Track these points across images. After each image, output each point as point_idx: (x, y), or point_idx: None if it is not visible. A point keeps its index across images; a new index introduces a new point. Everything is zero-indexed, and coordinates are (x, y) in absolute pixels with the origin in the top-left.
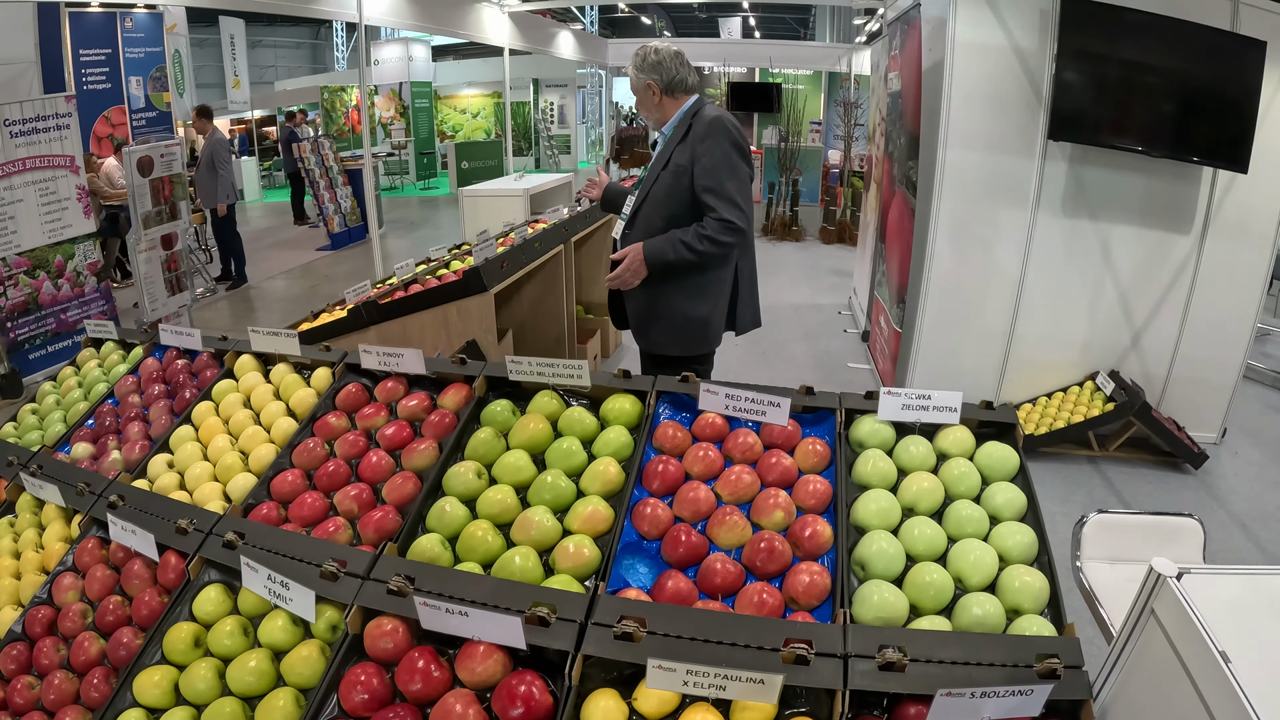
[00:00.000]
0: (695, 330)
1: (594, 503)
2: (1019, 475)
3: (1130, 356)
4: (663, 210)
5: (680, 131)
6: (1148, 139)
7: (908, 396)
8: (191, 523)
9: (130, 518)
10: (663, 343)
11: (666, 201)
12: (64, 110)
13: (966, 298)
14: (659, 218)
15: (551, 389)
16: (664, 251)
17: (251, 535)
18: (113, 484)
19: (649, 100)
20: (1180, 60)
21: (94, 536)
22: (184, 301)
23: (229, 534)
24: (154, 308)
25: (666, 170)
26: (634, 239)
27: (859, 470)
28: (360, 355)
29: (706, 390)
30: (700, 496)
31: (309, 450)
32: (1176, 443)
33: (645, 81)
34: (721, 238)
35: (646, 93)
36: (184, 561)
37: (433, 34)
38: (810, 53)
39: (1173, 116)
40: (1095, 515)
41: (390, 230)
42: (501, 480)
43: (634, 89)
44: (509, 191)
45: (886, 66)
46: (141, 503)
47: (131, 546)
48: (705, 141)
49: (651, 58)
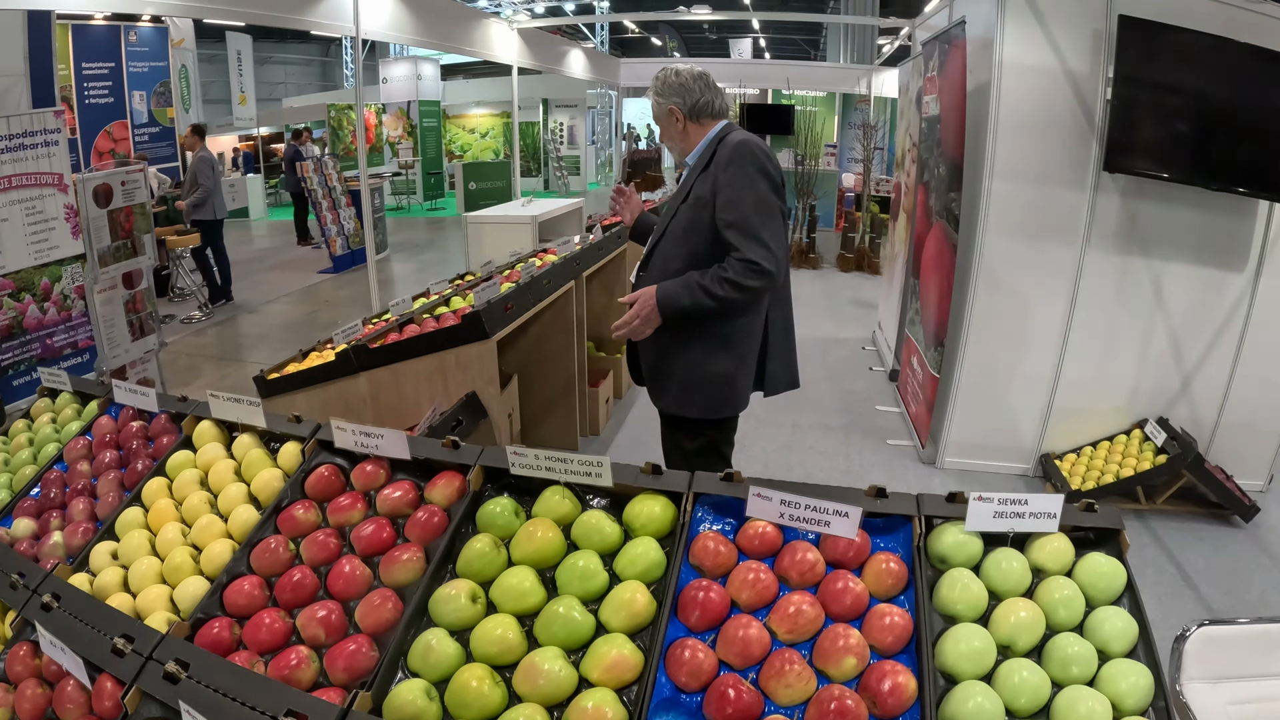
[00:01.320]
0: (716, 389)
1: (618, 644)
2: (1126, 594)
3: (1180, 402)
4: (682, 248)
5: (703, 160)
6: (1215, 172)
7: (1001, 502)
8: (129, 643)
9: (61, 629)
10: (680, 402)
11: (686, 238)
12: (53, 126)
13: (1010, 340)
14: (678, 257)
15: (564, 485)
16: (679, 296)
17: (197, 666)
18: (49, 578)
19: (672, 128)
20: (1247, 87)
21: (28, 641)
22: (149, 346)
23: (171, 663)
24: (115, 354)
25: (686, 203)
26: (649, 281)
27: (944, 596)
28: (334, 432)
29: (757, 494)
30: (752, 636)
31: (270, 551)
32: (1226, 494)
33: (667, 107)
34: (745, 281)
35: (669, 119)
36: (120, 690)
37: (439, 50)
38: (825, 74)
39: (1237, 147)
40: (1198, 629)
41: (395, 253)
42: (502, 606)
43: (656, 116)
44: (517, 218)
45: (921, 89)
46: (78, 607)
47: (62, 664)
48: (729, 169)
49: (673, 80)
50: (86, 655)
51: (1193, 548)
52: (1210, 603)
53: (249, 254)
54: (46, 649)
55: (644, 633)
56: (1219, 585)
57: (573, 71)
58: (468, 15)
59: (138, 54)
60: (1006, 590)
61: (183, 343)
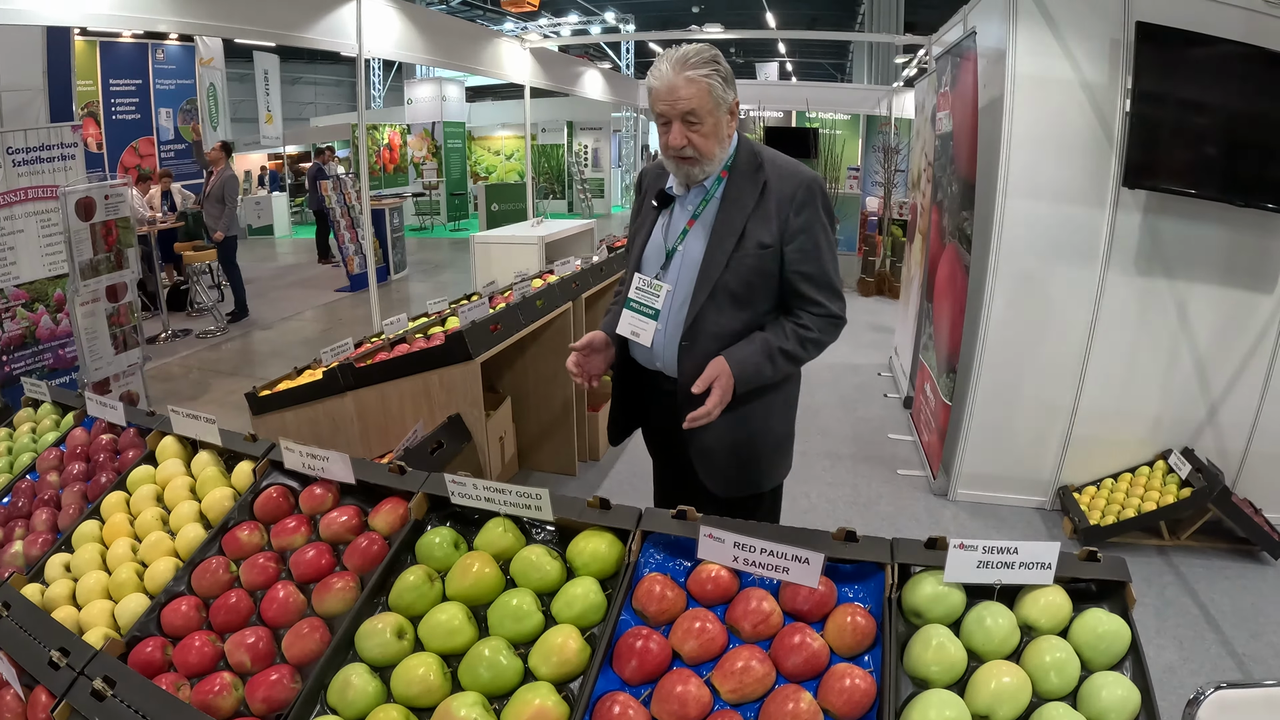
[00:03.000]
0: (785, 453)
1: (542, 694)
2: (1130, 657)
3: (1206, 432)
4: (742, 310)
5: (746, 188)
6: (1242, 187)
7: (986, 550)
8: (65, 656)
9: (4, 639)
10: (753, 481)
11: (748, 295)
12: (69, 140)
13: (1026, 366)
14: (736, 319)
15: (507, 517)
16: (759, 369)
17: (123, 686)
18: (2, 587)
19: (723, 130)
20: (1273, 96)
21: None
22: (133, 360)
23: (98, 680)
24: (97, 367)
25: (744, 251)
26: (700, 351)
27: (916, 656)
28: (282, 453)
29: (708, 535)
30: (690, 694)
31: (210, 572)
32: (1255, 529)
33: (731, 100)
34: (828, 339)
35: (724, 119)
36: (52, 703)
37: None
38: (848, 95)
39: (1265, 161)
40: (1214, 693)
41: (414, 272)
42: (429, 644)
43: (704, 110)
44: (523, 239)
45: (935, 106)
46: (24, 617)
47: (1, 674)
48: (804, 212)
49: (725, 62)
50: (26, 666)
51: (1218, 586)
52: (1235, 646)
53: (270, 271)
54: None
55: (576, 681)
56: (1245, 628)
57: (590, 93)
58: (479, 34)
59: (165, 72)
60: (989, 651)
61: (196, 357)
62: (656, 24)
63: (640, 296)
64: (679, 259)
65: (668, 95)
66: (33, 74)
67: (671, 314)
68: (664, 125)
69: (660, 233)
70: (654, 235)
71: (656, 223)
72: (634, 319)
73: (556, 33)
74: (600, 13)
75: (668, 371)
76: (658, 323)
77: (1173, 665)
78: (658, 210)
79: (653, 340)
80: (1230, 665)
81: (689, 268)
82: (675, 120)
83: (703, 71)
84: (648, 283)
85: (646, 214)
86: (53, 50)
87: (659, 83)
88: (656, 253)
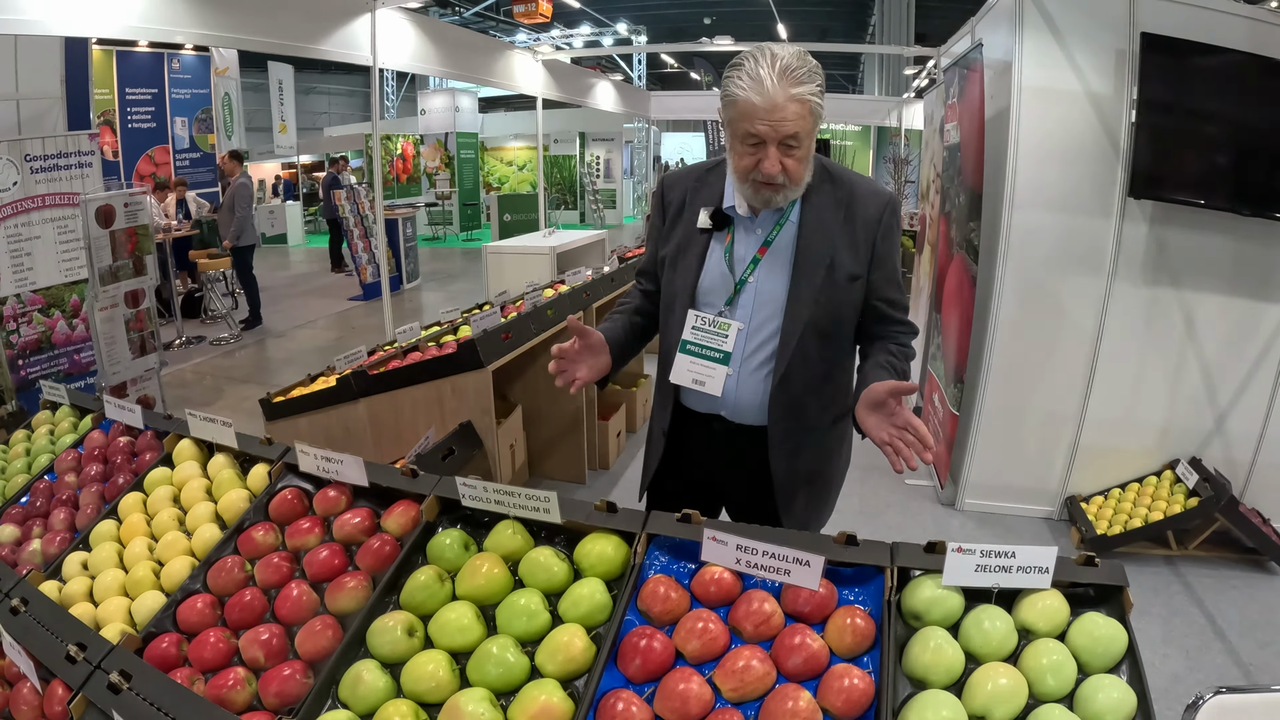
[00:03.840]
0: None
1: (548, 691)
2: (1126, 660)
3: (1213, 441)
4: (824, 344)
5: (828, 212)
6: (1248, 197)
7: (984, 554)
8: (82, 651)
9: (22, 633)
10: (823, 514)
11: (835, 331)
12: (87, 148)
13: (1033, 377)
14: (822, 356)
15: (516, 520)
16: None
17: (139, 679)
18: (20, 584)
19: (812, 149)
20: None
21: None
22: (150, 365)
23: (115, 674)
24: (115, 371)
25: (835, 284)
26: (795, 390)
27: (914, 657)
28: (298, 456)
29: (712, 538)
30: (692, 691)
31: (226, 571)
32: (1263, 539)
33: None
34: (915, 354)
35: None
36: (69, 695)
37: (461, 81)
38: (858, 106)
39: (1271, 170)
40: (1214, 697)
41: (426, 282)
42: (438, 641)
43: (803, 135)
44: (535, 249)
45: (943, 117)
46: (42, 613)
47: (19, 667)
48: (890, 237)
49: (822, 75)
50: (43, 659)
51: (1225, 596)
52: (1241, 655)
53: (284, 279)
54: (7, 649)
55: (581, 679)
56: (1252, 637)
57: (602, 104)
58: (491, 47)
59: (180, 81)
60: (987, 653)
61: (210, 364)
62: (668, 35)
63: (699, 338)
64: (750, 292)
65: (769, 115)
66: (51, 83)
67: (746, 357)
68: (753, 146)
69: (718, 260)
70: (709, 264)
71: (710, 248)
72: (694, 365)
73: (569, 44)
74: (612, 24)
75: (737, 418)
76: (729, 367)
77: (1179, 674)
78: (708, 233)
79: (723, 388)
80: (1237, 675)
81: (766, 304)
82: (772, 144)
83: (810, 89)
84: (711, 321)
85: (690, 236)
86: (70, 59)
87: (760, 99)
88: (720, 285)
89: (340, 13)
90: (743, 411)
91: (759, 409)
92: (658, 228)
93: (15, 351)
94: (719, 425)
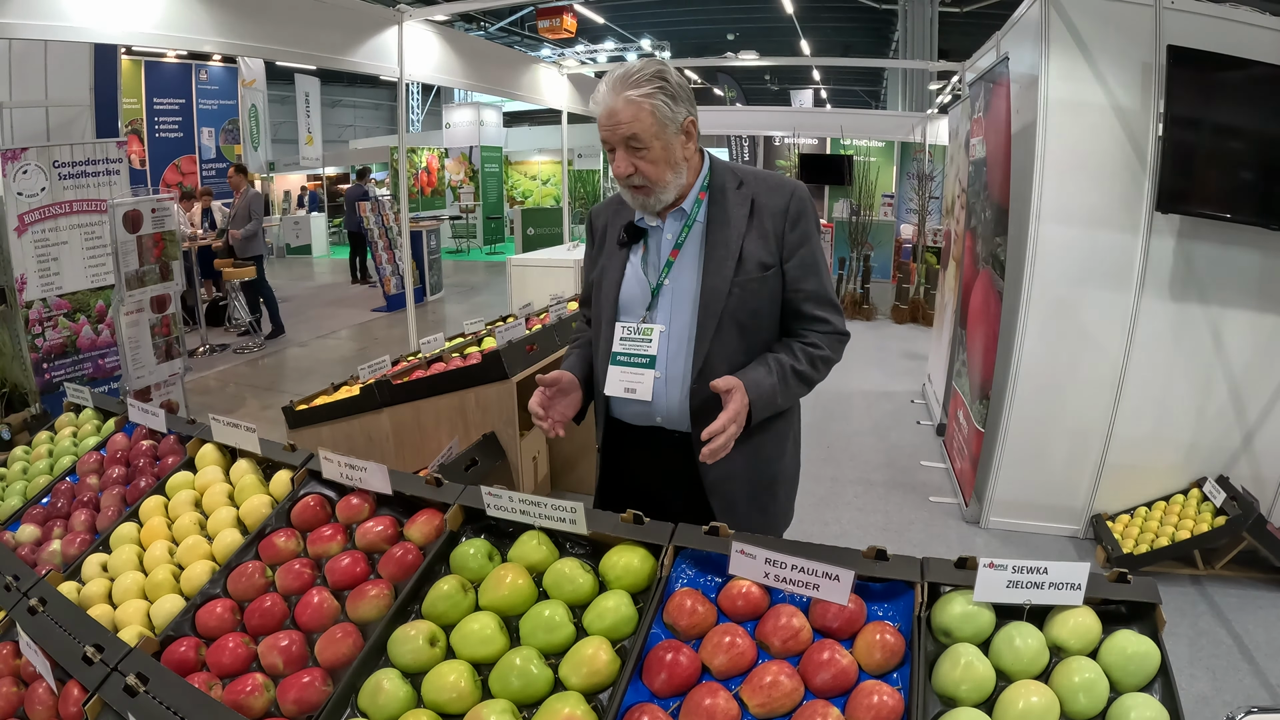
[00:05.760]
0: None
1: (571, 704)
2: (1159, 679)
3: (1241, 459)
4: (749, 337)
5: (733, 207)
6: (1276, 210)
7: (1016, 570)
8: (99, 652)
9: (40, 633)
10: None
11: (755, 321)
12: (114, 156)
13: (1059, 393)
14: (744, 352)
15: (541, 530)
16: (774, 392)
17: (156, 682)
18: (40, 583)
19: (677, 153)
20: None
21: (11, 641)
22: (175, 370)
23: (132, 676)
24: (139, 375)
25: (746, 274)
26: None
27: (944, 674)
28: (321, 463)
29: (740, 551)
30: (719, 707)
31: (246, 576)
32: None
33: (684, 119)
34: (836, 357)
35: (679, 140)
36: (84, 697)
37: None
38: (882, 122)
39: None
40: (1244, 717)
41: (450, 294)
42: (460, 652)
43: (649, 134)
44: (558, 262)
45: (968, 132)
46: (60, 613)
47: (35, 667)
48: (800, 224)
49: (681, 81)
50: (60, 660)
51: (1253, 617)
52: (1269, 677)
53: (308, 290)
54: (24, 649)
55: (605, 692)
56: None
57: None
58: (517, 60)
59: (208, 92)
60: (1018, 671)
61: (233, 372)
62: (692, 51)
63: (627, 347)
64: (668, 295)
65: (606, 119)
66: (80, 90)
67: (670, 358)
68: (611, 152)
69: (635, 270)
70: (628, 275)
71: (629, 261)
72: (624, 374)
73: (593, 59)
74: (636, 39)
75: (672, 425)
76: (655, 370)
77: (1205, 695)
78: (626, 247)
79: (653, 392)
80: (1264, 696)
81: (683, 303)
82: (618, 146)
83: (644, 90)
84: (634, 329)
85: (610, 254)
86: (99, 67)
87: (598, 107)
88: (638, 293)
89: (368, 25)
90: (674, 415)
91: (686, 410)
92: (591, 257)
93: (40, 355)
94: (664, 437)
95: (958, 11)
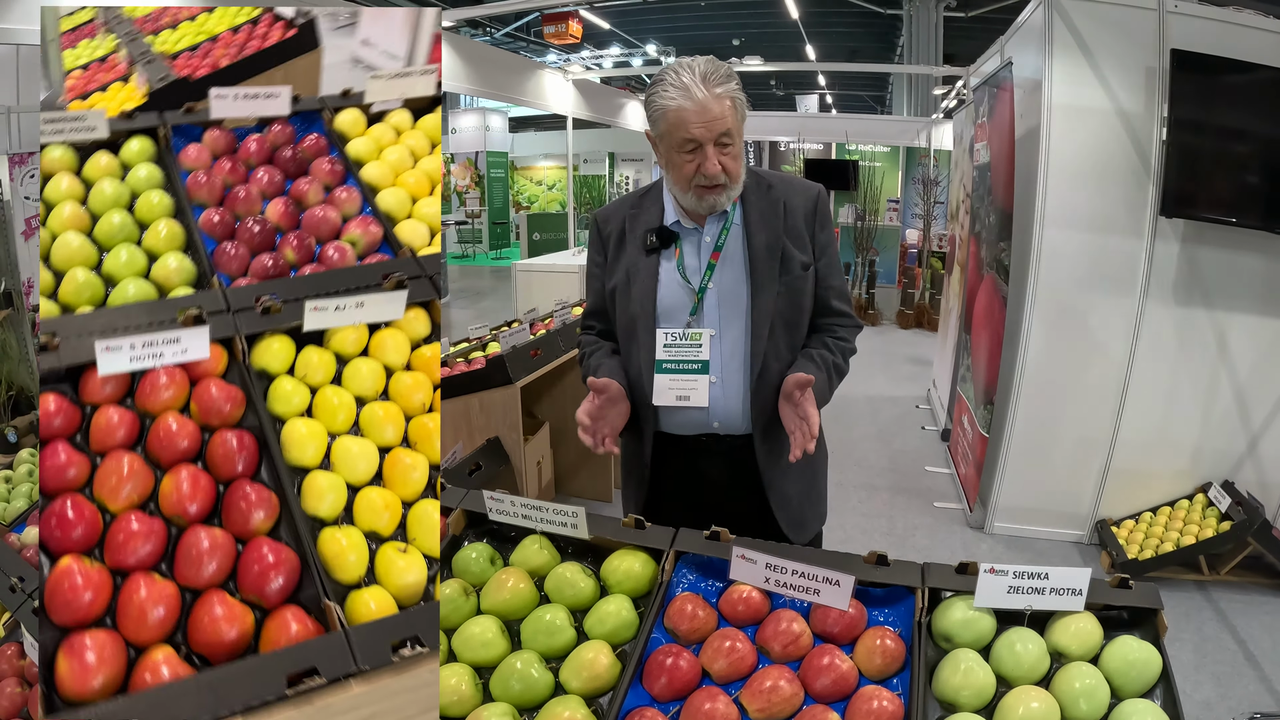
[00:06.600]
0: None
1: (571, 707)
2: (1160, 684)
3: (1246, 464)
4: (791, 338)
5: (767, 208)
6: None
7: (1017, 575)
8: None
9: None
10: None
11: (798, 323)
12: None
13: (1064, 398)
14: (790, 349)
15: (543, 535)
16: (825, 388)
17: None
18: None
19: (740, 144)
20: None
21: (15, 642)
22: None
23: None
24: None
25: (791, 274)
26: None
27: (944, 680)
28: None
29: (740, 556)
30: (718, 712)
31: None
32: None
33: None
34: (855, 349)
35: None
36: None
37: (493, 99)
38: (887, 127)
39: None
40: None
41: (456, 299)
42: (461, 655)
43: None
44: (564, 267)
45: (973, 137)
46: None
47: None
48: (826, 225)
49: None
50: None
51: (1258, 623)
52: (1274, 683)
53: None
54: (28, 650)
55: (606, 696)
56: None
57: (632, 124)
58: (523, 66)
59: None
60: (1019, 677)
61: None
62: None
63: (674, 354)
64: (712, 299)
65: (700, 117)
66: None
67: (725, 362)
68: (690, 152)
69: (672, 274)
70: (664, 281)
71: (661, 266)
72: (675, 381)
73: (599, 65)
74: (641, 45)
75: (728, 430)
76: (710, 375)
77: (1210, 701)
78: (656, 252)
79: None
80: (1269, 702)
81: (730, 306)
82: (707, 144)
83: (730, 87)
84: (680, 334)
85: (636, 261)
86: None
87: (690, 103)
88: (680, 299)
89: None
90: (732, 420)
91: (746, 413)
92: (600, 264)
93: None
94: (714, 443)
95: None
